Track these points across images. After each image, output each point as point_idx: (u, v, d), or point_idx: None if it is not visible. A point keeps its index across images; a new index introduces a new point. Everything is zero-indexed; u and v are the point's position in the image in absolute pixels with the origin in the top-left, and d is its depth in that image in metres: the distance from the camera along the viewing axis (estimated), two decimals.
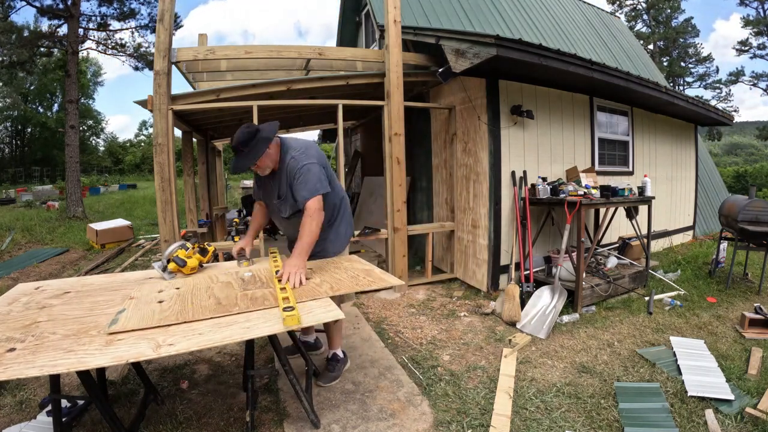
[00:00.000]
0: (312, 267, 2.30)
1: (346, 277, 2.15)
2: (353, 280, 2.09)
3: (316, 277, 2.16)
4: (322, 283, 2.06)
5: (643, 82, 4.53)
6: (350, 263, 2.40)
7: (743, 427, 2.02)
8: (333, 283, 2.05)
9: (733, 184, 18.56)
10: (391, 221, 4.23)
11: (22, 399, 2.39)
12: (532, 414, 2.18)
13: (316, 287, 2.00)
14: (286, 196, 2.28)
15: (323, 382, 2.45)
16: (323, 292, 1.92)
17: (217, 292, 1.95)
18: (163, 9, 3.61)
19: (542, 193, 4.05)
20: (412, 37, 4.45)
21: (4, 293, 2.12)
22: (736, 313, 3.52)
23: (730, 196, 5.25)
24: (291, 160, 2.24)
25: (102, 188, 24.72)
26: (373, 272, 2.22)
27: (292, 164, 2.23)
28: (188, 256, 2.28)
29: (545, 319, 3.34)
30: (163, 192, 3.66)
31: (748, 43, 25.00)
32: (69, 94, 12.00)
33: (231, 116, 5.29)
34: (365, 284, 2.04)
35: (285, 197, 2.30)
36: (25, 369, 1.29)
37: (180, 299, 1.88)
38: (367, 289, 2.06)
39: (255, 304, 1.78)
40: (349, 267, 2.32)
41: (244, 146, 2.16)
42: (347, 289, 1.99)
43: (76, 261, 6.74)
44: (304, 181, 2.19)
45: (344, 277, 2.15)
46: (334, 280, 2.10)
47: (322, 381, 2.46)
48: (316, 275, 2.18)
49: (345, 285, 2.02)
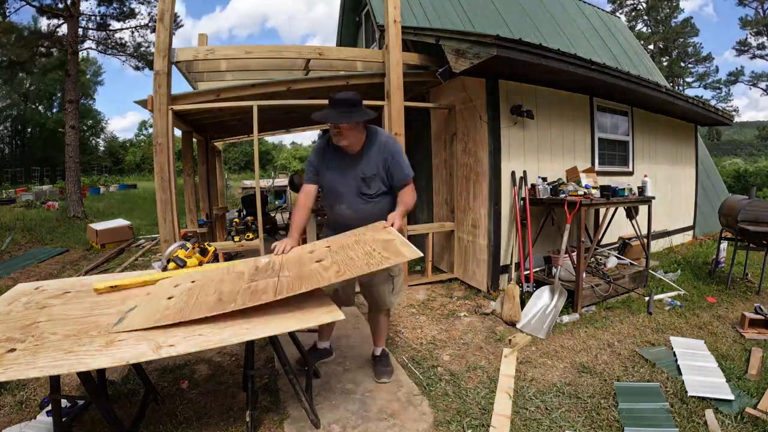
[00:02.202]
0: (330, 245, 2.16)
1: (361, 254, 1.92)
2: (367, 257, 1.88)
3: (328, 258, 1.98)
4: (331, 265, 1.88)
5: (643, 82, 4.52)
6: (374, 233, 2.12)
7: (743, 427, 2.02)
8: (343, 264, 1.86)
9: (733, 184, 18.54)
10: None
11: (22, 399, 2.38)
12: (532, 414, 2.18)
13: (322, 272, 1.84)
14: (377, 173, 2.24)
15: (386, 378, 2.51)
16: (326, 278, 1.77)
17: (223, 286, 1.89)
18: (163, 9, 3.60)
19: (542, 193, 4.05)
20: (412, 37, 4.45)
21: (4, 293, 2.12)
22: (736, 313, 3.52)
23: (730, 196, 5.24)
24: (387, 139, 2.28)
25: (102, 188, 24.73)
26: (392, 244, 1.95)
27: (390, 143, 2.27)
28: (188, 256, 2.28)
29: (545, 319, 3.34)
30: (163, 192, 3.66)
31: (747, 44, 25.01)
32: (69, 94, 12.00)
33: (231, 116, 5.29)
34: (377, 262, 1.82)
35: (375, 174, 2.24)
36: (25, 370, 1.30)
37: (188, 295, 1.85)
38: (378, 268, 1.82)
39: (253, 299, 1.69)
40: (370, 240, 2.07)
41: (346, 105, 2.12)
42: (356, 272, 1.80)
43: (76, 261, 6.74)
44: (404, 161, 2.27)
45: (359, 254, 1.93)
46: (346, 259, 1.91)
47: (386, 377, 2.52)
48: (330, 255, 2.01)
49: (356, 266, 1.82)
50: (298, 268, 1.94)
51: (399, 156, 2.26)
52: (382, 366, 2.59)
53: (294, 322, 1.64)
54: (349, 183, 2.27)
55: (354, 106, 2.14)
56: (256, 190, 4.07)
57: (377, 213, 2.27)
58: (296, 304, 1.76)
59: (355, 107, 2.15)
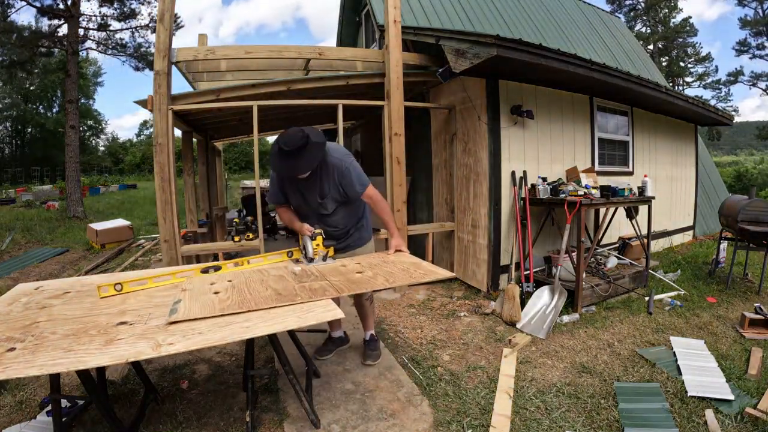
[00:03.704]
0: (360, 261, 2.39)
1: (397, 270, 2.19)
2: (405, 273, 2.14)
3: (368, 270, 2.20)
4: (375, 276, 2.10)
5: (643, 82, 4.52)
6: (397, 257, 2.46)
7: (743, 427, 2.02)
8: (386, 275, 2.10)
9: (733, 184, 18.53)
10: None
11: (22, 399, 2.39)
12: (532, 414, 2.18)
13: (371, 279, 2.05)
14: (330, 193, 2.39)
15: (372, 360, 2.68)
16: (379, 284, 1.99)
17: (273, 284, 2.00)
18: (163, 9, 3.60)
19: (542, 193, 4.05)
20: (412, 37, 4.45)
21: (4, 293, 2.12)
22: (736, 313, 3.52)
23: (730, 196, 5.24)
24: (334, 161, 2.36)
25: (102, 188, 24.72)
26: (422, 265, 2.26)
27: (338, 164, 2.36)
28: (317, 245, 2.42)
29: (545, 319, 3.34)
30: (163, 192, 3.65)
31: (747, 44, 24.98)
32: (69, 94, 12.01)
33: (231, 116, 5.29)
34: (418, 277, 2.08)
35: (329, 195, 2.39)
36: (24, 368, 1.30)
37: (236, 291, 1.93)
38: (421, 281, 2.11)
39: (316, 295, 1.83)
40: (397, 261, 2.37)
41: (299, 151, 2.19)
42: (402, 281, 2.06)
43: (76, 261, 6.75)
44: (356, 176, 2.37)
45: (395, 270, 2.19)
46: (386, 273, 2.15)
47: (371, 360, 2.68)
48: (367, 270, 2.22)
49: (399, 278, 2.07)
50: (344, 276, 2.13)
51: (349, 173, 2.36)
52: (370, 349, 2.71)
53: (293, 321, 1.64)
54: (310, 204, 2.46)
55: (305, 147, 2.19)
56: (256, 190, 4.07)
57: (341, 223, 2.54)
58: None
59: (306, 147, 2.20)
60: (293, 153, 2.18)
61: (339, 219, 2.52)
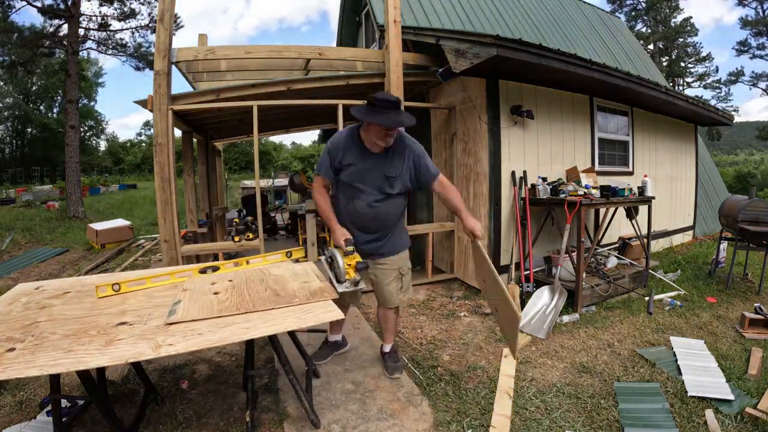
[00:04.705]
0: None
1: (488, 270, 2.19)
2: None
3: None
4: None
5: (643, 82, 4.52)
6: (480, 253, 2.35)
7: (743, 427, 2.02)
8: None
9: (733, 184, 18.54)
10: None
11: (22, 399, 2.38)
12: (532, 414, 2.18)
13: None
14: (401, 174, 2.29)
15: (399, 373, 2.56)
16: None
17: (272, 284, 1.99)
18: (163, 9, 3.60)
19: (542, 193, 4.05)
20: (412, 37, 4.45)
21: (4, 293, 2.12)
22: (736, 313, 3.51)
23: (730, 196, 5.24)
24: (410, 141, 2.34)
25: (102, 188, 24.72)
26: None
27: (414, 146, 2.33)
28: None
29: (545, 319, 3.34)
30: (163, 192, 3.66)
31: (747, 44, 24.96)
32: (69, 94, 12.02)
33: (231, 116, 5.29)
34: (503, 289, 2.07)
35: (399, 176, 2.28)
36: (25, 369, 1.30)
37: (236, 291, 1.93)
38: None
39: (315, 296, 1.83)
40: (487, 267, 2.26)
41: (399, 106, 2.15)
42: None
43: (76, 261, 6.75)
44: (429, 161, 2.35)
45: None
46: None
47: (398, 372, 2.56)
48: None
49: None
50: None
51: (425, 158, 2.33)
52: (392, 362, 2.62)
53: (293, 321, 1.64)
54: (371, 181, 2.28)
55: (400, 108, 2.19)
56: (256, 190, 4.07)
57: (392, 212, 2.37)
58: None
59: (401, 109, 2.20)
60: (395, 105, 2.11)
61: (392, 206, 2.35)
